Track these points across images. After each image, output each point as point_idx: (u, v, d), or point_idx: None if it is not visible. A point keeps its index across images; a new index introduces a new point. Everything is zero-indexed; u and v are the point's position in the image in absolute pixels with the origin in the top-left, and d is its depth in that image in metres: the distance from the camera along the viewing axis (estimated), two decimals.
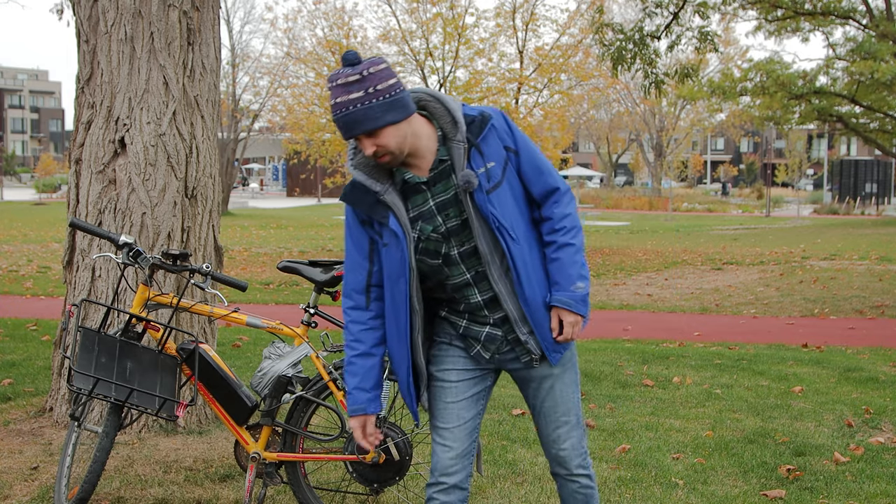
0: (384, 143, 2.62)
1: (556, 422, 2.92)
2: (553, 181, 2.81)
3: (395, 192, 2.73)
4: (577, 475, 2.94)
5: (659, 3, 10.69)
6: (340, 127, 2.64)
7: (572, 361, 2.94)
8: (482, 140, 2.72)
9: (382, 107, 2.60)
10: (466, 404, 2.90)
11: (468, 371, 2.90)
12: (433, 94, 2.77)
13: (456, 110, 2.72)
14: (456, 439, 2.88)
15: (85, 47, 5.10)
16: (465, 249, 2.76)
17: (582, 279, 2.78)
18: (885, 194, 46.17)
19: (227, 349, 7.43)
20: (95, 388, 3.53)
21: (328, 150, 19.45)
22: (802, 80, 15.97)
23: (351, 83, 2.60)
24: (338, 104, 2.61)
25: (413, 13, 18.91)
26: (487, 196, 2.70)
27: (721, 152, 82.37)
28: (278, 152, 58.42)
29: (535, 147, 2.82)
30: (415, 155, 2.71)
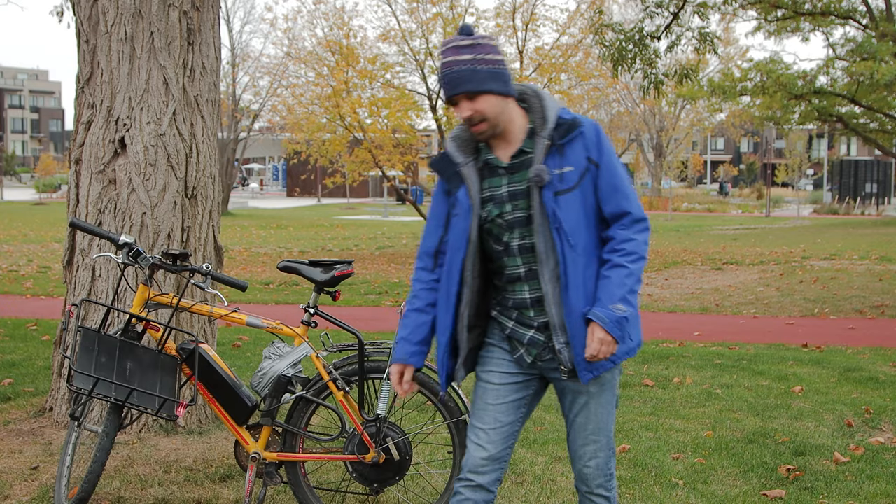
0: (481, 108, 2.74)
1: (585, 439, 2.94)
2: (627, 205, 2.82)
3: (475, 169, 2.85)
4: (598, 494, 2.97)
5: (659, 3, 10.69)
6: (446, 84, 2.75)
7: (611, 384, 2.95)
8: (566, 143, 2.78)
9: (487, 74, 2.73)
10: (506, 408, 2.93)
11: (511, 375, 2.93)
12: (537, 90, 2.88)
13: (550, 109, 2.81)
14: (490, 441, 2.91)
15: (85, 47, 5.10)
16: (524, 244, 2.82)
17: (625, 303, 2.75)
18: (885, 194, 46.15)
19: (227, 349, 7.43)
20: (95, 388, 3.53)
21: (328, 151, 19.44)
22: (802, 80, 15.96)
23: (462, 47, 2.74)
24: (447, 63, 2.75)
25: (413, 13, 18.91)
26: (555, 196, 2.76)
27: (721, 152, 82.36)
28: (278, 152, 58.42)
29: (620, 169, 2.84)
30: (503, 138, 2.82)
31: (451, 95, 2.76)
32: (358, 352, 3.71)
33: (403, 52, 19.13)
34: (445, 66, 2.76)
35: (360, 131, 18.95)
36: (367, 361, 3.73)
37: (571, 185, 2.78)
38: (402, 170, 20.57)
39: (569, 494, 4.17)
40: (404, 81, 19.52)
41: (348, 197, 53.47)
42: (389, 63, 19.08)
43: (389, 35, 19.23)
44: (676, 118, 46.40)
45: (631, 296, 2.78)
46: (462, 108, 2.76)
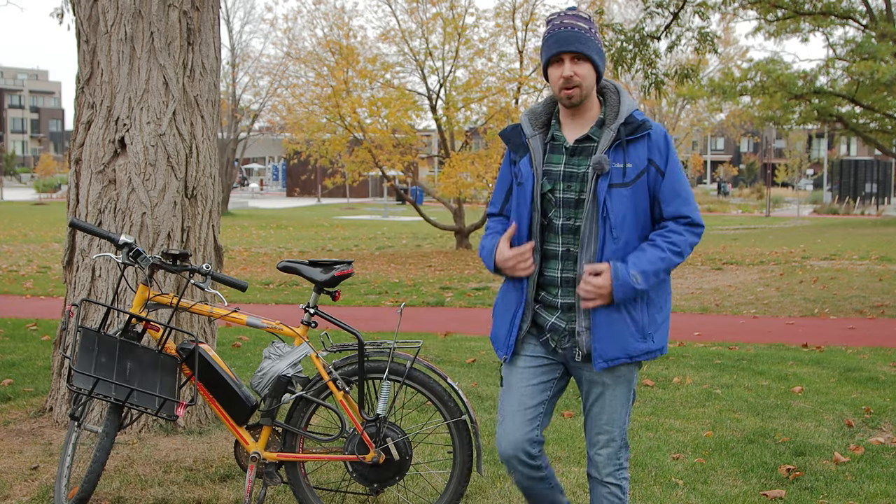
0: (581, 73, 2.90)
1: (600, 428, 3.06)
2: (687, 210, 2.96)
3: (541, 142, 3.01)
4: (608, 482, 3.08)
5: (660, 3, 10.69)
6: (558, 39, 2.90)
7: (627, 379, 3.03)
8: (631, 141, 2.91)
9: (597, 46, 2.94)
10: (531, 391, 3.06)
11: (536, 358, 3.07)
12: (619, 87, 3.02)
13: (625, 105, 2.96)
14: (515, 425, 3.05)
15: (85, 47, 5.10)
16: (567, 224, 2.96)
17: (644, 276, 2.86)
18: (885, 194, 46.14)
19: (227, 349, 7.43)
20: (95, 388, 3.53)
21: (328, 151, 19.44)
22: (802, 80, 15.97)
23: (582, 17, 2.94)
24: (566, 23, 2.92)
25: (413, 13, 18.92)
26: (609, 188, 2.88)
27: (721, 152, 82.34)
28: (278, 152, 58.41)
29: (683, 176, 2.97)
30: (576, 118, 2.98)
31: (560, 51, 2.90)
32: (358, 352, 3.71)
33: (403, 52, 19.14)
34: (565, 24, 2.91)
35: (359, 131, 18.95)
36: (367, 361, 3.73)
37: (627, 181, 2.89)
38: (401, 170, 20.56)
39: (569, 494, 4.17)
40: (404, 81, 19.53)
41: (348, 197, 53.47)
42: (389, 63, 19.09)
43: (389, 35, 19.23)
44: (676, 118, 46.38)
45: (653, 276, 2.88)
46: (566, 66, 2.90)
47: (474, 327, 9.10)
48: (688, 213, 2.95)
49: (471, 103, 18.98)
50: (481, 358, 7.31)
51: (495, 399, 5.90)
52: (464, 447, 3.70)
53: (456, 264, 16.32)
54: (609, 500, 3.09)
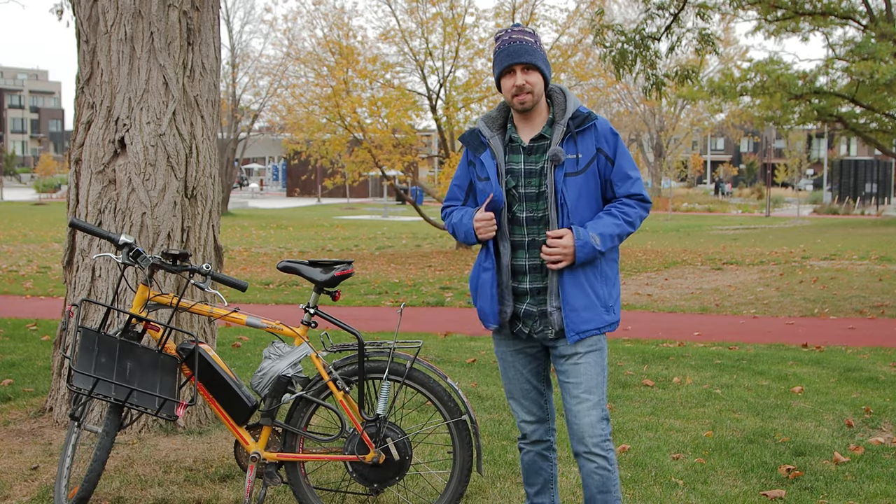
0: (532, 81, 3.22)
1: (578, 397, 3.26)
2: (636, 188, 3.27)
3: (501, 142, 3.32)
4: (595, 454, 3.25)
5: (661, 4, 10.68)
6: (509, 52, 3.22)
7: (599, 347, 3.29)
8: (579, 133, 3.23)
9: (542, 56, 3.27)
10: (528, 378, 3.41)
11: (520, 350, 3.38)
12: (563, 88, 3.34)
13: (571, 102, 3.28)
14: (527, 409, 3.43)
15: (85, 47, 5.10)
16: (532, 216, 3.26)
17: (602, 238, 3.17)
18: (885, 194, 46.14)
19: (227, 349, 7.43)
20: (95, 388, 3.53)
21: (328, 151, 19.44)
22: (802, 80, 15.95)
23: (527, 32, 3.28)
24: (515, 38, 3.24)
25: (413, 13, 18.91)
26: (564, 178, 3.19)
27: (721, 152, 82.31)
28: (278, 152, 58.40)
29: (631, 160, 3.29)
30: (529, 120, 3.29)
31: (512, 63, 3.21)
32: (358, 352, 3.71)
33: (403, 52, 19.14)
34: (513, 39, 3.23)
35: (359, 131, 18.95)
36: (367, 361, 3.73)
37: (580, 169, 3.21)
38: (401, 169, 20.57)
39: (569, 494, 4.17)
40: (404, 81, 19.53)
41: (348, 197, 53.47)
42: (390, 63, 19.09)
43: (389, 35, 19.23)
44: (676, 118, 46.39)
45: (608, 239, 3.20)
46: (517, 76, 3.21)
47: (474, 327, 9.09)
48: (637, 190, 3.28)
49: (471, 103, 18.98)
50: (481, 358, 7.31)
51: (495, 399, 5.90)
52: (464, 447, 3.70)
53: (456, 264, 16.32)
54: (599, 475, 3.26)
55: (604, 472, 3.26)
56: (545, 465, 3.49)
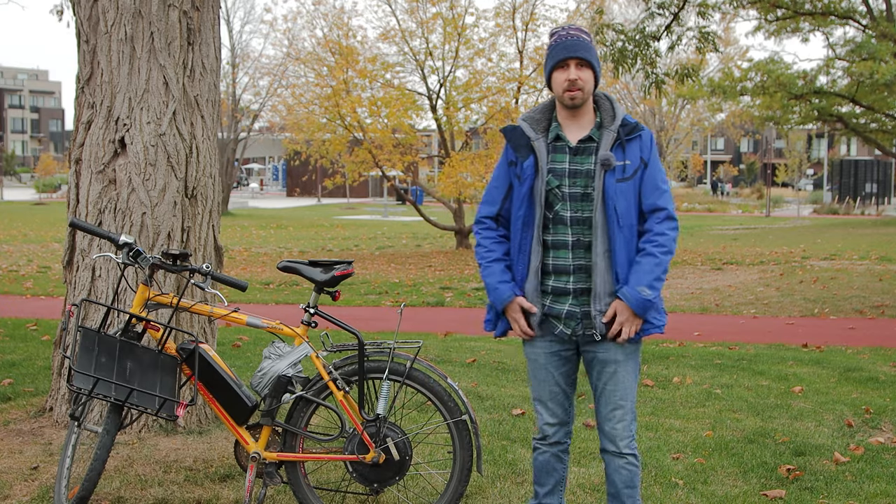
0: (585, 77, 3.25)
1: (614, 403, 3.33)
2: (663, 202, 3.27)
3: (545, 143, 3.31)
4: (625, 453, 3.34)
5: (661, 3, 10.68)
6: (566, 46, 3.24)
7: (635, 354, 3.34)
8: (629, 140, 3.26)
9: (596, 55, 3.30)
10: (557, 381, 3.41)
11: (555, 352, 3.37)
12: (608, 95, 3.39)
13: (619, 110, 3.32)
14: (551, 411, 3.43)
15: (85, 47, 5.10)
16: (576, 216, 3.27)
17: (651, 288, 3.20)
18: (885, 194, 46.12)
19: (227, 349, 7.43)
20: (95, 388, 3.53)
21: (328, 151, 19.44)
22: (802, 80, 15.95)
23: (584, 31, 3.32)
24: (572, 34, 3.28)
25: (413, 13, 18.91)
26: (616, 182, 3.22)
27: (721, 152, 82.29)
28: (278, 152, 58.40)
29: (663, 171, 3.32)
30: (577, 120, 3.30)
31: (567, 56, 3.23)
32: (358, 352, 3.71)
33: (403, 51, 19.13)
34: (571, 35, 3.27)
35: (359, 131, 18.95)
36: (367, 361, 3.73)
37: (627, 176, 3.24)
38: (401, 169, 20.56)
39: (569, 494, 4.17)
40: (404, 81, 19.52)
41: (348, 197, 53.46)
42: (390, 63, 19.08)
43: (389, 35, 19.22)
44: (676, 118, 46.42)
45: (657, 282, 3.22)
46: (571, 70, 3.23)
47: (474, 327, 9.10)
48: (663, 204, 3.27)
49: (471, 103, 18.98)
50: (481, 358, 7.31)
51: (495, 399, 5.90)
52: (464, 447, 3.70)
53: (456, 264, 16.32)
54: (627, 470, 3.35)
55: (632, 469, 3.36)
56: (559, 467, 3.51)
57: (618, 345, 3.28)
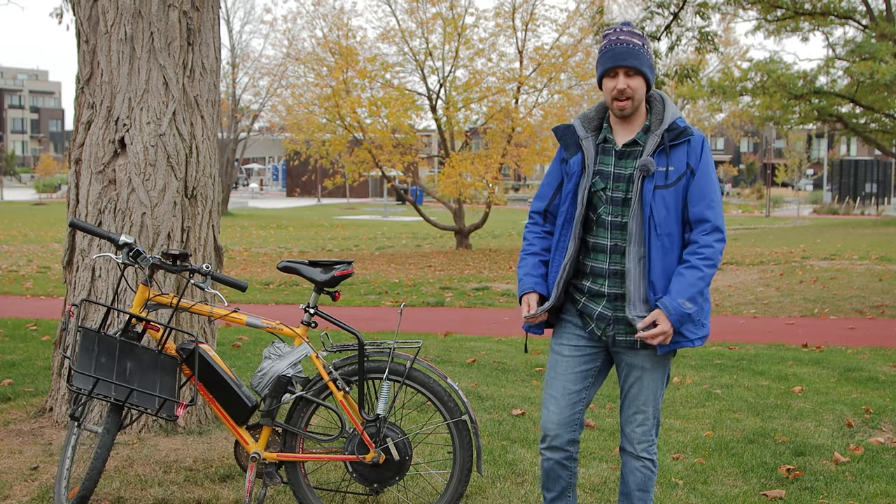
0: (634, 86, 3.14)
1: (636, 408, 3.33)
2: (710, 214, 3.15)
3: (594, 144, 3.25)
4: (642, 457, 3.35)
5: (661, 3, 10.69)
6: (615, 54, 3.14)
7: (664, 363, 3.30)
8: (673, 145, 3.15)
9: (649, 62, 3.18)
10: (574, 378, 3.34)
11: (580, 348, 3.33)
12: (664, 96, 3.26)
13: (669, 113, 3.19)
14: (559, 408, 3.34)
15: (85, 47, 5.10)
16: (617, 221, 3.20)
17: (692, 301, 3.11)
18: (885, 194, 46.13)
19: (227, 349, 7.43)
20: (95, 388, 3.53)
21: (328, 151, 19.44)
22: (802, 80, 15.96)
23: (636, 33, 3.18)
24: (622, 39, 3.16)
25: (413, 13, 18.91)
26: (654, 189, 3.13)
27: (721, 152, 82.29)
28: (278, 152, 58.40)
29: (714, 181, 3.19)
30: (626, 124, 3.22)
31: (616, 65, 3.13)
32: (358, 352, 3.71)
33: (403, 51, 19.13)
34: (621, 41, 3.15)
35: (359, 131, 18.95)
36: (367, 361, 3.73)
37: (669, 183, 3.13)
38: (401, 169, 20.57)
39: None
40: (404, 81, 19.53)
41: (348, 197, 53.46)
42: (390, 63, 19.09)
43: (389, 35, 19.23)
44: None
45: (699, 296, 3.13)
46: (619, 79, 3.14)
47: (474, 327, 9.10)
48: (710, 217, 3.14)
49: (471, 103, 18.98)
50: (481, 358, 7.31)
51: (495, 399, 5.90)
52: (464, 447, 3.70)
53: (456, 264, 16.32)
54: (642, 473, 3.35)
55: (647, 472, 3.36)
56: (564, 474, 3.44)
57: (647, 353, 3.23)
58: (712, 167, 3.19)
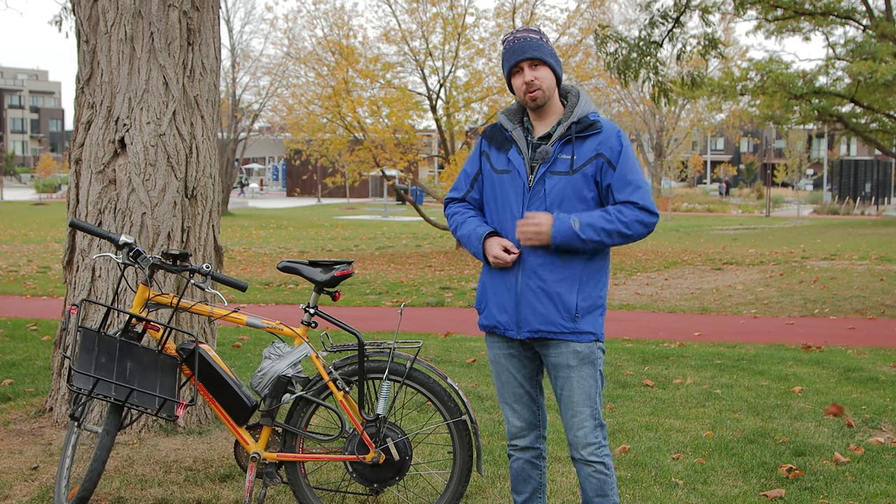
0: (541, 76, 3.19)
1: (572, 410, 3.26)
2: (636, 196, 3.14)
3: (522, 135, 3.28)
4: (590, 461, 3.25)
5: (664, 14, 10.71)
6: (514, 50, 3.21)
7: (591, 360, 3.25)
8: (580, 138, 3.18)
9: (549, 51, 3.24)
10: (521, 381, 3.37)
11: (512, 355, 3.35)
12: (580, 91, 3.31)
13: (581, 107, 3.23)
14: (517, 413, 3.38)
15: (85, 47, 5.10)
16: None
17: (583, 227, 3.09)
18: (885, 194, 46.14)
19: (227, 349, 7.43)
20: (95, 388, 3.53)
21: (329, 151, 19.44)
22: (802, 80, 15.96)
23: (533, 31, 3.28)
24: (519, 36, 3.24)
25: (413, 13, 18.91)
26: (550, 174, 3.17)
27: (721, 152, 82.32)
28: (278, 152, 58.40)
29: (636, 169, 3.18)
30: (543, 117, 3.27)
31: (518, 60, 3.20)
32: (358, 352, 3.71)
33: (403, 52, 19.13)
34: (517, 38, 3.23)
35: (360, 131, 18.95)
36: (367, 361, 3.73)
37: (566, 170, 3.16)
38: (403, 168, 20.56)
39: (569, 494, 4.18)
40: (405, 81, 19.53)
41: (348, 197, 53.46)
42: (391, 63, 19.09)
43: (389, 35, 19.23)
44: (676, 118, 46.39)
45: (590, 229, 3.10)
46: (525, 73, 3.20)
47: (474, 327, 9.09)
48: (637, 199, 3.15)
49: (471, 103, 18.98)
50: (481, 358, 7.31)
51: (495, 399, 5.90)
52: (464, 447, 3.70)
53: (456, 264, 16.32)
54: (596, 478, 3.25)
55: (600, 476, 3.25)
56: (534, 474, 3.43)
57: (569, 349, 3.19)
58: (633, 160, 3.19)
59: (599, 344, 3.27)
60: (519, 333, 3.24)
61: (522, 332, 3.23)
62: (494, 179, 3.30)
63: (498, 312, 3.28)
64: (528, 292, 3.19)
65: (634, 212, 3.14)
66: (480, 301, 3.38)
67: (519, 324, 3.23)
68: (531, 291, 3.18)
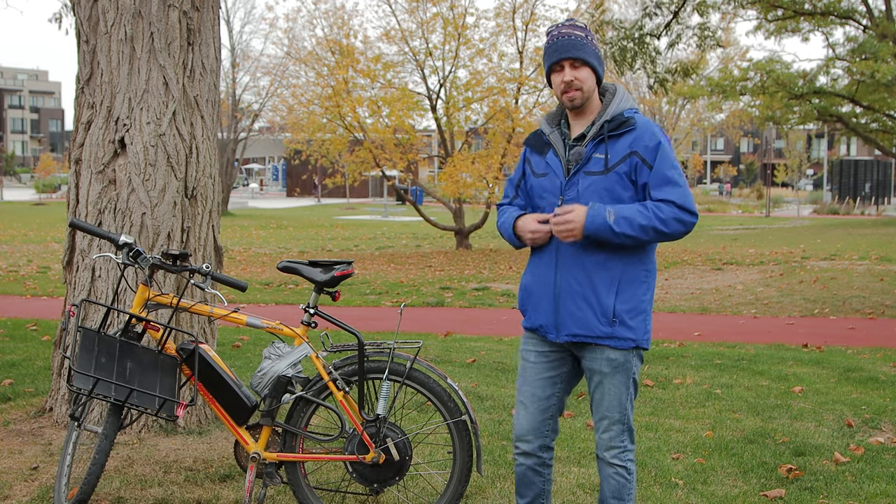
0: (581, 77, 3.13)
1: (601, 413, 3.24)
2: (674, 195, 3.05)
3: (559, 136, 3.24)
4: (613, 463, 3.25)
5: (659, 3, 10.71)
6: (557, 47, 3.14)
7: (625, 368, 3.18)
8: (614, 135, 3.12)
9: (593, 51, 3.16)
10: (542, 384, 3.31)
11: (545, 353, 3.29)
12: (619, 88, 3.23)
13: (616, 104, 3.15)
14: (529, 414, 3.33)
15: (85, 47, 5.10)
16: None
17: (619, 216, 3.02)
18: (885, 194, 46.14)
19: (227, 349, 7.43)
20: (95, 388, 3.53)
21: (329, 151, 19.44)
22: (802, 80, 15.98)
23: (578, 26, 3.18)
24: (564, 32, 3.15)
25: (413, 13, 18.92)
26: (583, 175, 3.13)
27: (721, 152, 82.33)
28: (278, 152, 58.41)
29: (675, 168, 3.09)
30: (580, 117, 3.21)
31: (560, 59, 3.13)
32: (358, 352, 3.71)
33: (403, 51, 19.14)
34: (562, 34, 3.15)
35: (360, 131, 18.95)
36: (367, 361, 3.73)
37: (601, 170, 3.10)
38: (403, 168, 20.57)
39: (568, 494, 4.18)
40: (404, 81, 19.53)
41: (348, 197, 53.46)
42: (391, 63, 19.09)
43: (390, 35, 19.23)
44: (676, 118, 46.40)
45: (626, 222, 3.02)
46: (566, 72, 3.13)
47: (474, 327, 9.10)
48: (674, 197, 3.05)
49: (471, 103, 18.98)
50: (481, 358, 7.31)
51: (495, 399, 5.90)
52: (464, 447, 3.70)
53: (456, 264, 16.32)
54: (615, 480, 3.25)
55: (620, 479, 3.23)
56: (537, 480, 3.40)
57: (604, 356, 3.14)
58: (672, 158, 3.12)
59: (639, 351, 3.19)
60: (558, 337, 3.19)
61: (561, 336, 3.18)
62: (535, 183, 3.27)
63: (539, 315, 3.25)
64: (565, 295, 3.15)
65: (673, 210, 3.04)
66: (523, 303, 3.35)
67: (558, 327, 3.19)
68: (568, 294, 3.14)
